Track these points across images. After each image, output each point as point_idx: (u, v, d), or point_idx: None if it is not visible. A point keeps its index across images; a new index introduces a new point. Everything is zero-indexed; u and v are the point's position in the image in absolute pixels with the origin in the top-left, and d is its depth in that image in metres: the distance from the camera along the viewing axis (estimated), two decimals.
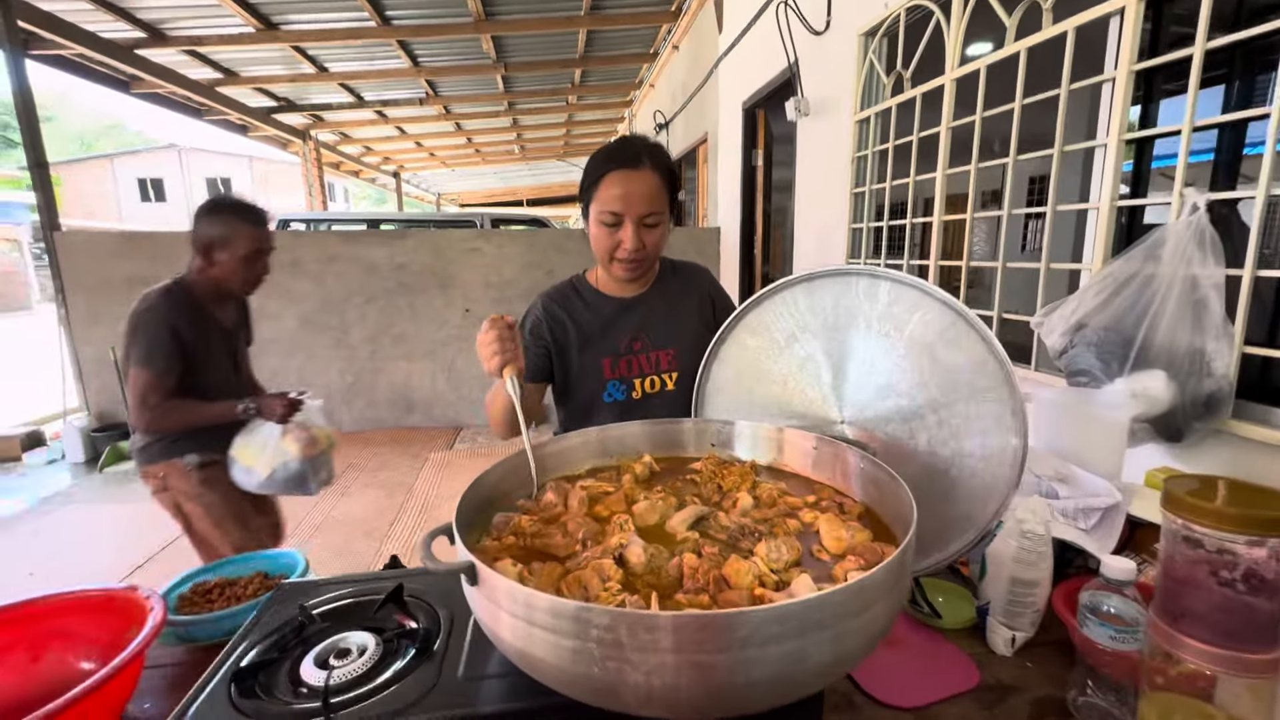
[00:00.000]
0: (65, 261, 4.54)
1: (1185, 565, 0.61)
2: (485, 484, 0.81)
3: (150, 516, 3.53)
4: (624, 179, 1.14)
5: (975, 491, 0.84)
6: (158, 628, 0.76)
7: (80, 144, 35.78)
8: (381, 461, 4.49)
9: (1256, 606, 0.58)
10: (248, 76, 6.55)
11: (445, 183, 17.02)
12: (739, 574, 0.64)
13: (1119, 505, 0.97)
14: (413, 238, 5.13)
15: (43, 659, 0.80)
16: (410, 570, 0.94)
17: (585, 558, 0.68)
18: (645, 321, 1.30)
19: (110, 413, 4.74)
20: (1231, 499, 0.59)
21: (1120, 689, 0.72)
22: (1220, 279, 1.21)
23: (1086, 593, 0.75)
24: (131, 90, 6.15)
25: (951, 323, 0.87)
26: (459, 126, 9.71)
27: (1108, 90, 1.59)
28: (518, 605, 0.54)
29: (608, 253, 1.21)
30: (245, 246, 1.75)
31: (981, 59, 2.00)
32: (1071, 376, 1.40)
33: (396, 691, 0.66)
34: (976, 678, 0.80)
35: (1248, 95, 1.52)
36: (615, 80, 8.29)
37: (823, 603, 0.50)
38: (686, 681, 0.50)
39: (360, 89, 7.44)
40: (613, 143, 1.20)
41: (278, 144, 9.59)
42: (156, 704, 0.79)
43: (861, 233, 2.91)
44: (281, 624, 0.78)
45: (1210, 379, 1.22)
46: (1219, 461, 1.30)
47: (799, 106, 3.27)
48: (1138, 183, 1.62)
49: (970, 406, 0.85)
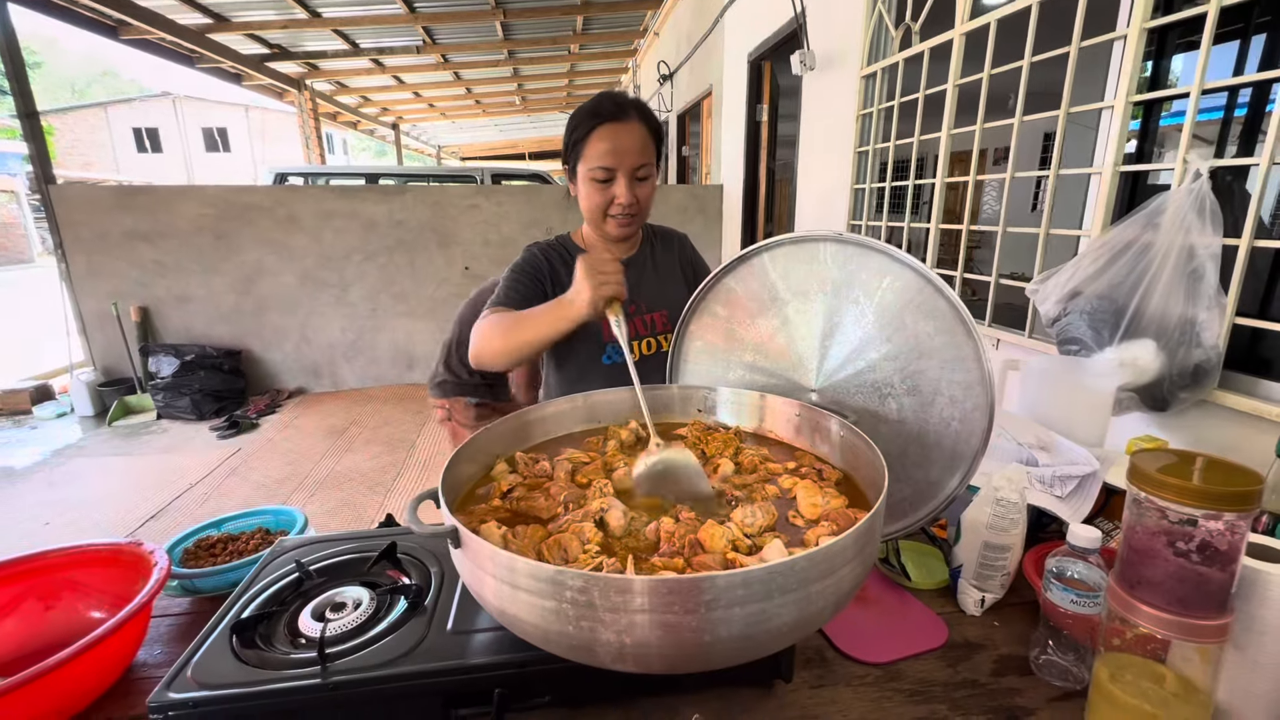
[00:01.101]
0: (63, 216, 4.51)
1: (1146, 535, 0.63)
2: (475, 448, 0.83)
3: (159, 470, 3.63)
4: (613, 132, 1.12)
5: (944, 458, 0.86)
6: (162, 580, 0.79)
7: (72, 91, 34.94)
8: (384, 418, 4.56)
9: (1209, 576, 0.60)
10: (239, 22, 6.33)
11: (445, 135, 16.65)
12: (713, 538, 0.66)
13: (1095, 474, 0.99)
14: (411, 194, 5.06)
15: (55, 608, 0.85)
16: (403, 529, 0.98)
17: (566, 521, 0.71)
18: (637, 285, 1.29)
19: (116, 367, 4.80)
20: (1193, 474, 0.61)
21: (1079, 649, 0.75)
22: (1217, 249, 1.20)
23: (1053, 558, 0.77)
24: (120, 36, 5.96)
25: (919, 288, 0.87)
26: (458, 76, 9.43)
27: (1119, 47, 1.54)
28: (499, 568, 0.57)
29: (601, 210, 1.18)
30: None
31: (992, 12, 1.93)
32: (1063, 345, 1.40)
33: (389, 643, 0.69)
34: (945, 636, 0.84)
35: (1270, 54, 1.46)
36: (618, 28, 7.99)
37: (787, 568, 0.53)
38: (656, 640, 0.53)
39: (355, 36, 7.20)
40: (593, 99, 1.17)
41: (273, 94, 9.35)
42: (165, 650, 0.84)
43: (864, 193, 2.87)
44: (280, 578, 0.82)
45: (1199, 349, 1.22)
46: (1202, 431, 1.32)
47: (805, 60, 3.17)
48: (1145, 138, 1.59)
49: (940, 374, 0.86)
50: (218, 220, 4.74)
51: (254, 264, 4.88)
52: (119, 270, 4.66)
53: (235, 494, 3.33)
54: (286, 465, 3.72)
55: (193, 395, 4.49)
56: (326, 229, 4.94)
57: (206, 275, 4.81)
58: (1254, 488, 0.57)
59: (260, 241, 4.84)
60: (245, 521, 1.08)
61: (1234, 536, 0.58)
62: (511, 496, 0.79)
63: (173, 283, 4.77)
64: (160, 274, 4.73)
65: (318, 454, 3.88)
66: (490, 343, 1.06)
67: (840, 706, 0.72)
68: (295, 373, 5.20)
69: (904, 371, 0.89)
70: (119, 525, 3.00)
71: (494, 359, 1.06)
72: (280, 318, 5.03)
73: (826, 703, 0.73)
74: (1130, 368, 1.24)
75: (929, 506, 0.88)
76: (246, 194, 4.81)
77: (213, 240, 4.76)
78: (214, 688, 0.63)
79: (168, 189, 4.71)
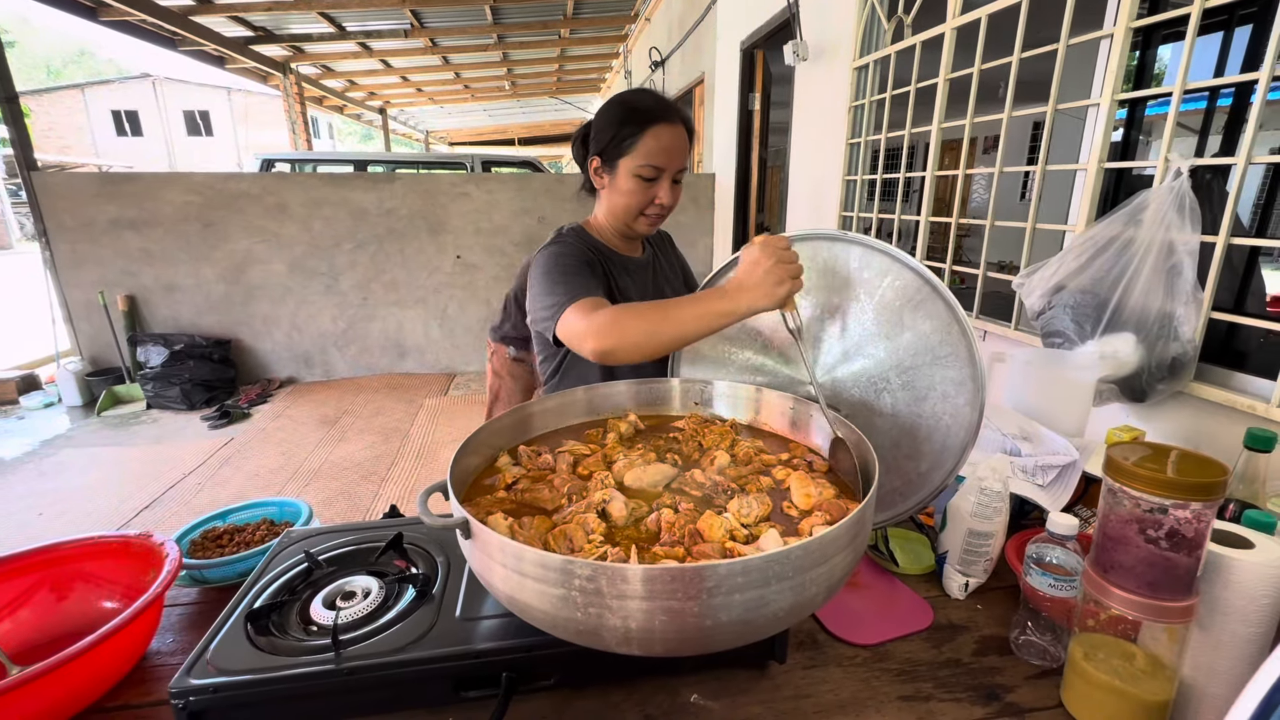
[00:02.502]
0: (46, 204, 4.44)
1: (1119, 523, 0.67)
2: (479, 442, 0.85)
3: (151, 461, 3.62)
4: (666, 132, 1.12)
5: (934, 451, 0.90)
6: (175, 571, 0.81)
7: (48, 72, 34.06)
8: (377, 407, 4.56)
9: (1177, 561, 0.64)
10: (222, 4, 6.21)
11: (434, 120, 16.44)
12: (712, 528, 0.69)
13: (1075, 463, 1.03)
14: (401, 182, 5.02)
15: (68, 599, 0.87)
16: (409, 519, 1.00)
17: (570, 512, 0.74)
18: (655, 280, 1.33)
19: (103, 357, 4.75)
20: (1163, 466, 0.64)
21: (1056, 629, 0.80)
22: (1195, 245, 1.24)
23: (1033, 545, 0.81)
24: (99, 18, 5.83)
25: (918, 288, 0.90)
26: (446, 60, 9.31)
27: (1105, 44, 1.57)
28: (509, 558, 0.59)
29: (638, 208, 1.18)
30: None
31: (983, 7, 1.95)
32: (1047, 338, 1.44)
33: (400, 630, 0.72)
34: (930, 618, 0.88)
35: (1255, 46, 1.49)
36: (609, 13, 7.92)
37: (783, 557, 0.56)
38: (659, 625, 0.56)
39: (341, 19, 7.08)
40: (636, 94, 1.16)
41: (257, 77, 9.19)
42: (176, 638, 0.86)
43: (856, 184, 2.89)
44: (290, 568, 0.85)
45: (1176, 343, 1.26)
46: (1179, 421, 1.37)
47: (798, 51, 3.17)
48: (1132, 126, 1.62)
49: (934, 371, 0.90)
50: (205, 208, 4.68)
51: (243, 252, 4.83)
52: (105, 259, 4.60)
53: (230, 484, 3.33)
54: (280, 455, 3.72)
55: (183, 385, 4.46)
56: (316, 217, 4.90)
57: (195, 264, 4.76)
58: (1219, 479, 0.61)
59: (249, 230, 4.79)
60: (250, 513, 1.10)
61: (1200, 524, 0.62)
62: (516, 489, 0.81)
63: (160, 271, 4.72)
64: (147, 262, 4.68)
65: (311, 444, 3.89)
66: (632, 336, 0.91)
67: (831, 686, 0.76)
68: (286, 362, 5.17)
69: (900, 368, 0.93)
70: (113, 516, 3.00)
71: (638, 354, 0.92)
72: (270, 307, 4.99)
73: (818, 682, 0.76)
74: (1111, 360, 1.28)
75: (918, 496, 0.92)
76: (234, 181, 4.75)
77: (200, 228, 4.70)
78: (232, 673, 0.66)
79: (153, 176, 4.64)
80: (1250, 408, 1.22)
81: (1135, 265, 1.29)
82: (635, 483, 0.82)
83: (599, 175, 1.21)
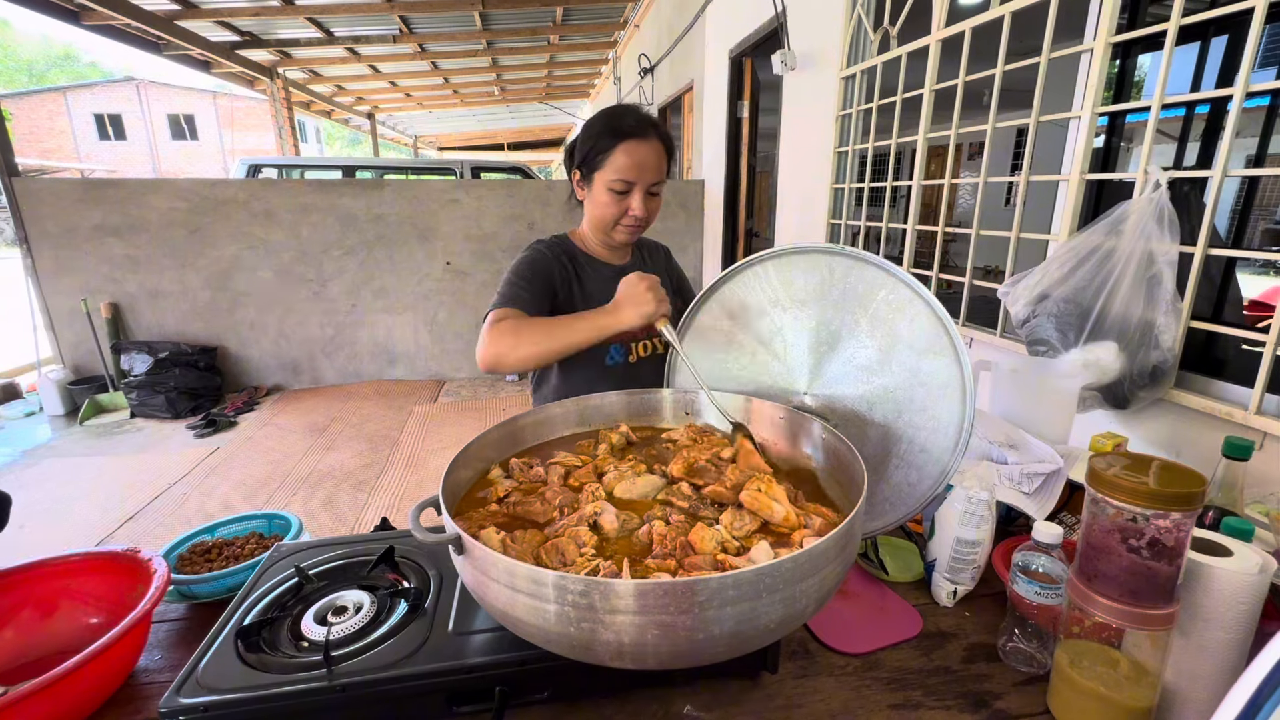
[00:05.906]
0: (28, 210, 4.38)
1: (1102, 533, 0.69)
2: (469, 455, 0.85)
3: (136, 470, 3.57)
4: (637, 148, 1.18)
5: (924, 463, 0.91)
6: (163, 587, 0.81)
7: (29, 75, 33.60)
8: (365, 415, 4.52)
9: (1158, 570, 0.65)
10: (208, 9, 6.17)
11: (422, 125, 16.39)
12: (703, 541, 0.70)
13: (1060, 471, 1.05)
14: (390, 188, 5.00)
15: (53, 616, 0.85)
16: (400, 532, 1.00)
17: (562, 525, 0.74)
18: None
19: (86, 365, 4.68)
20: (1144, 477, 0.66)
21: (1043, 636, 0.81)
22: (1174, 256, 1.26)
23: (1020, 553, 0.83)
24: (82, 21, 5.77)
25: (909, 301, 0.91)
26: (435, 66, 9.29)
27: (1085, 57, 1.60)
28: (501, 573, 0.60)
29: (613, 219, 1.24)
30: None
31: (967, 21, 1.98)
32: (1031, 346, 1.46)
33: (392, 645, 0.72)
34: (919, 626, 0.89)
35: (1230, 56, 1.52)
36: (599, 19, 7.94)
37: (773, 570, 0.57)
38: (652, 639, 0.56)
39: (329, 24, 7.05)
40: (615, 111, 1.21)
41: (243, 81, 9.12)
42: (164, 656, 0.85)
43: (843, 193, 2.92)
44: (281, 583, 0.84)
45: (1157, 351, 1.29)
46: (1160, 428, 1.39)
47: (785, 60, 3.20)
48: (1113, 133, 1.65)
49: (925, 384, 0.91)
50: (191, 214, 4.64)
51: (229, 259, 4.79)
52: (88, 265, 4.54)
53: (216, 494, 3.29)
54: (268, 464, 3.68)
55: (167, 393, 4.40)
56: (304, 223, 4.87)
57: (180, 270, 4.71)
58: (1197, 489, 0.63)
59: (235, 236, 4.75)
60: (239, 526, 1.09)
61: (1180, 533, 0.64)
62: (508, 501, 0.81)
63: (145, 278, 4.66)
64: (131, 269, 4.62)
65: (299, 452, 3.85)
66: (515, 349, 1.06)
67: (823, 695, 0.76)
68: (273, 369, 5.12)
69: (892, 380, 0.94)
70: (97, 526, 2.95)
71: (518, 363, 1.07)
72: (257, 314, 4.95)
73: (810, 692, 0.77)
74: (1094, 368, 1.30)
75: (907, 506, 0.93)
76: (220, 187, 4.71)
77: (186, 235, 4.66)
78: (223, 691, 0.65)
79: (138, 181, 4.59)
80: (1228, 414, 1.24)
81: (1117, 275, 1.31)
82: (626, 494, 0.83)
83: (580, 187, 1.28)
